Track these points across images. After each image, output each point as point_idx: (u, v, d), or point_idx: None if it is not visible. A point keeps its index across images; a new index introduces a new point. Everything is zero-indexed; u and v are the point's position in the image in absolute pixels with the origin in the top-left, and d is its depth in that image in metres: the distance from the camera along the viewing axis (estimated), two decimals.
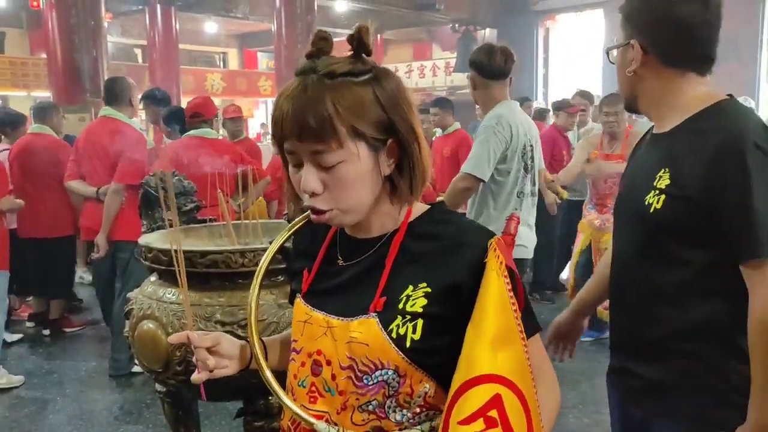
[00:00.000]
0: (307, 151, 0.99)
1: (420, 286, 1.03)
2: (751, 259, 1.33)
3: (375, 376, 1.03)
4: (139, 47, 14.63)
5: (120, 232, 3.85)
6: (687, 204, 1.37)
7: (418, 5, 11.79)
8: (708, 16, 1.45)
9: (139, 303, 2.07)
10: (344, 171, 1.00)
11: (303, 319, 1.12)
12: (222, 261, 1.96)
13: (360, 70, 1.02)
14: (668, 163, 1.42)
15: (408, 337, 1.01)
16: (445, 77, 15.61)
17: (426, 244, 1.06)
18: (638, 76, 1.50)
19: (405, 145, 1.04)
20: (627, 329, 1.57)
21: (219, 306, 1.95)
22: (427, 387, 1.04)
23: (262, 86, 15.67)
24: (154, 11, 10.64)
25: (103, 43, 7.04)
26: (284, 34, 9.52)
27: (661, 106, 1.51)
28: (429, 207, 1.12)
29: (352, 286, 1.08)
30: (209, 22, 14.10)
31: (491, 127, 2.88)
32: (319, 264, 1.15)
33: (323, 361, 1.07)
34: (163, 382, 2.07)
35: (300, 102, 0.98)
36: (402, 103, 1.03)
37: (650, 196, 1.43)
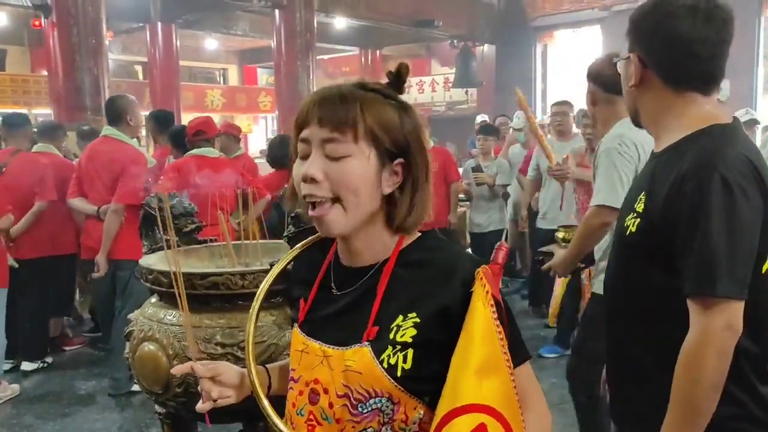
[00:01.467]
0: (320, 138, 1.03)
1: (410, 316, 1.04)
2: (695, 295, 1.27)
3: (370, 404, 1.04)
4: (139, 64, 14.71)
5: (120, 251, 3.87)
6: (653, 230, 1.35)
7: (416, 22, 11.88)
8: (711, 32, 1.36)
9: (140, 324, 2.07)
10: (350, 166, 1.03)
11: (300, 349, 1.13)
12: (222, 283, 1.97)
13: (390, 95, 1.09)
14: (648, 186, 1.39)
15: (399, 367, 1.03)
16: (444, 93, 15.69)
17: (416, 272, 1.08)
18: (638, 91, 1.46)
19: (413, 170, 1.07)
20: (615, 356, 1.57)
21: (219, 328, 1.96)
22: (421, 413, 1.05)
23: (261, 102, 15.74)
24: (154, 29, 10.72)
25: (104, 61, 7.09)
26: (284, 51, 9.58)
27: (658, 125, 1.46)
28: (420, 235, 1.14)
29: (346, 315, 1.10)
30: (209, 39, 14.20)
31: (614, 149, 2.46)
32: (314, 293, 1.17)
33: (320, 389, 1.08)
34: (163, 403, 2.07)
35: (331, 95, 1.05)
36: (420, 135, 1.09)
37: (629, 219, 1.41)
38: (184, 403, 1.96)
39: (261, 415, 1.98)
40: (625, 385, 1.51)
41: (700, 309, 1.27)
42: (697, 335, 1.27)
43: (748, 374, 1.34)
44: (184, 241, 2.45)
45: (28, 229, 4.36)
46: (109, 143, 4.02)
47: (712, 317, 1.25)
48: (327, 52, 14.50)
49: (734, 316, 1.26)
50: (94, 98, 6.74)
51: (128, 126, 4.05)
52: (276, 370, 1.30)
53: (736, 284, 1.25)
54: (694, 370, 1.27)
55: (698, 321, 1.27)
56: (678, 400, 1.30)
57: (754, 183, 1.28)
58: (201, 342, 1.94)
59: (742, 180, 1.27)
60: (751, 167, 1.29)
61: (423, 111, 14.91)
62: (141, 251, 2.43)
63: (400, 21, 11.74)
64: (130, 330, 2.12)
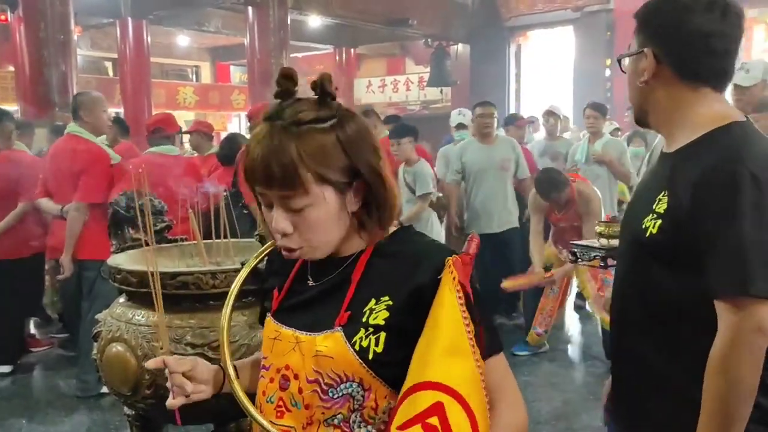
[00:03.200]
0: (276, 196, 1.06)
1: (382, 300, 1.07)
2: (726, 296, 1.22)
3: (340, 389, 1.06)
4: (109, 60, 14.47)
5: (86, 251, 3.78)
6: (678, 231, 1.29)
7: (391, 21, 11.87)
8: (726, 27, 1.34)
9: (108, 325, 2.03)
10: (312, 214, 1.05)
11: (272, 336, 1.15)
12: (193, 282, 1.94)
13: (324, 117, 1.06)
14: (668, 186, 1.34)
15: (371, 349, 1.05)
16: (419, 92, 15.69)
17: (391, 262, 1.11)
18: (650, 88, 1.40)
19: (370, 186, 1.08)
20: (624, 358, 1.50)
21: (189, 328, 1.93)
22: (391, 403, 1.06)
23: (235, 100, 15.59)
24: (125, 25, 10.53)
25: (73, 57, 6.96)
26: (257, 48, 9.51)
27: (671, 123, 1.41)
28: (396, 229, 1.17)
29: (320, 303, 1.12)
30: (181, 35, 14.02)
31: None
32: (290, 283, 1.18)
33: (291, 375, 1.10)
34: (132, 405, 2.03)
35: (267, 149, 1.03)
36: (365, 145, 1.08)
37: (648, 220, 1.35)
38: (153, 405, 1.92)
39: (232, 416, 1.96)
40: (645, 399, 1.43)
41: (731, 309, 1.21)
42: (729, 337, 1.21)
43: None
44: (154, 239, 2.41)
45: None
46: (72, 141, 3.93)
47: (745, 318, 1.20)
48: (301, 50, 14.41)
49: (766, 318, 1.20)
50: (61, 95, 6.61)
51: (92, 122, 3.92)
52: (245, 367, 1.30)
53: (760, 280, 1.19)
54: (727, 374, 1.22)
55: (729, 322, 1.21)
56: (712, 407, 1.24)
57: None
58: (171, 343, 1.90)
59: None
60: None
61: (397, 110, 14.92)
62: (108, 251, 2.39)
63: (375, 19, 11.72)
64: (98, 331, 2.08)
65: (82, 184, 3.76)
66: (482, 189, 4.91)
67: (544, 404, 3.85)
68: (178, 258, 2.36)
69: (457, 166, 4.97)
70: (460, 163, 4.96)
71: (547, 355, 4.60)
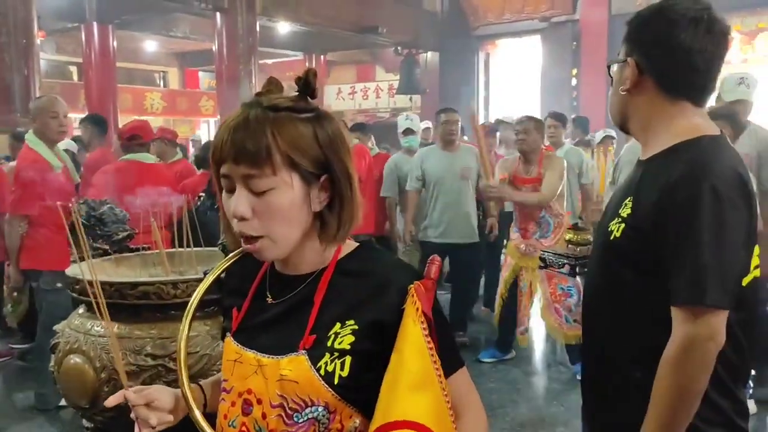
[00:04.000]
0: (241, 175, 1.01)
1: (347, 323, 1.04)
2: (683, 304, 1.27)
3: (305, 413, 1.03)
4: (74, 65, 14.23)
5: (36, 261, 3.68)
6: (639, 236, 1.35)
7: (361, 28, 11.89)
8: (709, 44, 1.37)
9: (66, 336, 1.99)
10: (274, 198, 1.01)
11: (233, 358, 1.11)
12: (154, 292, 1.91)
13: (302, 108, 1.05)
14: (634, 192, 1.40)
15: (336, 374, 1.03)
16: (389, 99, 15.73)
17: (354, 282, 1.08)
18: (631, 96, 1.45)
19: (338, 184, 1.06)
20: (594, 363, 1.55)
21: (150, 338, 1.90)
22: (357, 422, 1.05)
23: (203, 106, 15.45)
24: (90, 29, 10.35)
25: (36, 61, 6.82)
26: (225, 54, 9.43)
27: (648, 132, 1.46)
28: (358, 245, 1.14)
29: (282, 324, 1.09)
30: (149, 40, 13.85)
31: None
32: (249, 302, 1.14)
33: (254, 400, 1.06)
34: (91, 418, 1.99)
35: (241, 128, 1.01)
36: (340, 144, 1.07)
37: (613, 223, 1.41)
38: (112, 418, 1.89)
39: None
40: (609, 392, 1.48)
41: (686, 317, 1.26)
42: (682, 343, 1.27)
43: (727, 381, 1.35)
44: (115, 249, 2.37)
45: None
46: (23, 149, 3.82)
47: (698, 326, 1.25)
48: (271, 57, 14.34)
49: (719, 327, 1.26)
50: (23, 100, 6.46)
51: (37, 130, 3.76)
52: (210, 386, 1.26)
53: (725, 294, 1.25)
54: (677, 377, 1.27)
55: (683, 329, 1.27)
56: (659, 407, 1.30)
57: (742, 195, 1.29)
58: (131, 354, 1.88)
59: (732, 191, 1.28)
60: (739, 180, 1.31)
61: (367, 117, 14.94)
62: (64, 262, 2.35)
63: (344, 27, 11.73)
64: (55, 342, 2.04)
65: (12, 194, 3.67)
66: (442, 197, 4.83)
67: (510, 410, 3.88)
68: (141, 267, 2.33)
69: (418, 173, 4.90)
70: (420, 170, 4.89)
71: (513, 361, 4.62)
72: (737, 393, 1.39)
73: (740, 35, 10.33)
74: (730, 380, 1.36)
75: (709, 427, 1.34)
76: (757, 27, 10.17)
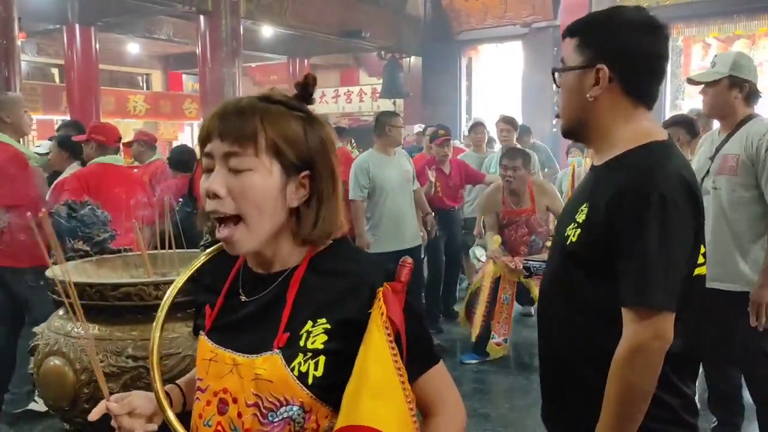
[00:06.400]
0: (223, 152, 1.03)
1: (319, 322, 1.05)
2: (630, 305, 1.33)
3: (280, 412, 1.03)
4: (56, 67, 14.09)
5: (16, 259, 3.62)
6: (593, 241, 1.38)
7: (344, 32, 11.90)
8: (665, 49, 1.46)
9: (46, 338, 1.99)
10: (252, 180, 1.02)
11: (208, 357, 1.12)
12: (135, 294, 1.92)
13: (295, 106, 1.08)
14: (588, 198, 1.43)
15: (310, 374, 1.03)
16: (372, 102, 15.75)
17: (327, 280, 1.09)
18: (594, 102, 1.44)
19: (318, 183, 1.07)
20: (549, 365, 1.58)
21: (131, 340, 1.91)
22: (333, 422, 1.04)
23: (187, 109, 15.36)
24: (72, 31, 10.26)
25: (16, 62, 6.75)
26: (209, 57, 9.39)
27: (606, 137, 1.47)
28: (331, 242, 1.14)
29: (256, 322, 1.10)
30: (132, 43, 13.75)
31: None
32: (222, 300, 1.15)
33: (229, 399, 1.08)
34: (70, 420, 1.99)
35: (231, 109, 1.04)
36: (328, 148, 1.09)
37: (570, 228, 1.44)
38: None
39: None
40: (564, 393, 1.52)
41: (634, 318, 1.32)
42: (629, 344, 1.32)
43: (673, 378, 1.40)
44: (97, 250, 2.37)
45: None
46: None
47: (645, 327, 1.31)
48: (254, 60, 14.31)
49: (666, 327, 1.32)
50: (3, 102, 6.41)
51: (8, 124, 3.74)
52: (185, 385, 1.27)
53: (669, 296, 1.31)
54: (626, 377, 1.32)
55: (631, 330, 1.32)
56: (610, 407, 1.35)
57: (687, 199, 1.35)
58: (112, 355, 1.89)
59: (677, 196, 1.33)
60: (685, 184, 1.36)
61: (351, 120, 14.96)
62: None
63: (328, 30, 11.74)
64: (35, 344, 2.03)
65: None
66: (390, 203, 4.74)
67: (491, 411, 3.91)
68: (122, 269, 2.33)
69: (365, 181, 4.72)
70: (367, 177, 4.72)
71: (495, 362, 4.66)
72: (684, 389, 1.44)
73: (717, 42, 10.49)
74: (676, 377, 1.41)
75: (658, 424, 1.38)
76: (734, 34, 10.32)
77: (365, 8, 12.29)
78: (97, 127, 4.18)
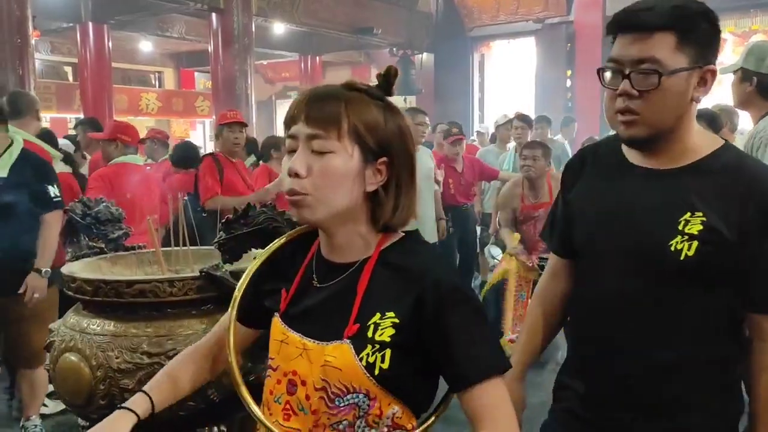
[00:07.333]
0: (307, 134, 1.09)
1: (387, 315, 1.09)
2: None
3: (347, 398, 1.09)
4: (69, 65, 14.19)
5: None
6: (725, 250, 1.30)
7: (356, 29, 11.91)
8: None
9: (61, 335, 1.99)
10: (332, 161, 1.08)
11: (279, 339, 1.17)
12: (150, 290, 1.91)
13: (376, 95, 1.14)
14: (696, 206, 1.32)
15: (377, 366, 1.08)
16: None
17: (395, 274, 1.12)
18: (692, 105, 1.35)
19: (398, 168, 1.13)
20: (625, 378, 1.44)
21: (146, 336, 1.90)
22: (396, 409, 1.11)
23: (199, 107, 15.42)
24: (85, 29, 10.33)
25: (30, 61, 6.80)
26: (221, 55, 9.42)
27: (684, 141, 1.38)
28: (402, 236, 1.18)
29: (327, 309, 1.15)
30: (144, 41, 13.82)
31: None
32: (297, 284, 1.20)
33: (298, 381, 1.13)
34: (86, 417, 1.99)
35: (319, 94, 1.11)
36: (405, 136, 1.15)
37: (677, 241, 1.32)
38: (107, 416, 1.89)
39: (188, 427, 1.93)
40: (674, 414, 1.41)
41: None
42: None
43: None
44: (111, 247, 2.37)
45: None
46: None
47: None
48: (266, 57, 14.34)
49: None
50: None
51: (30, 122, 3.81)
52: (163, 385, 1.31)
53: None
54: None
55: None
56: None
57: None
58: (127, 352, 1.88)
59: None
60: None
61: None
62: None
63: (339, 28, 11.74)
64: (50, 341, 2.04)
65: None
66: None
67: None
68: (136, 266, 2.33)
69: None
70: None
71: None
72: None
73: (733, 37, 10.38)
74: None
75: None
76: (750, 29, 10.22)
77: (376, 5, 12.28)
78: (121, 126, 4.20)
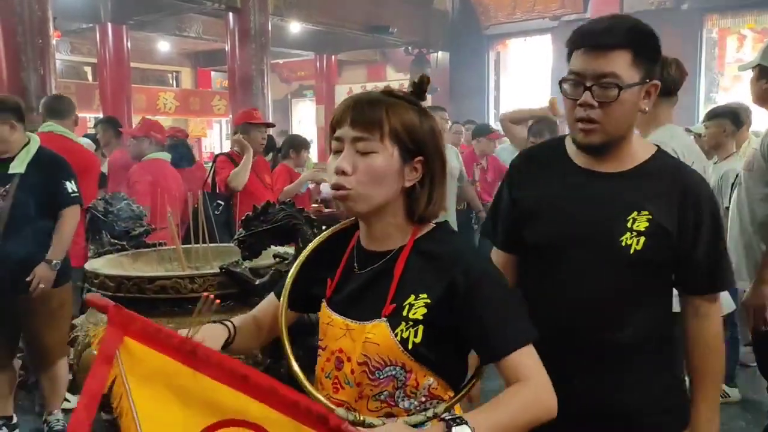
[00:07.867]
0: (352, 137, 1.22)
1: (421, 297, 1.23)
2: (710, 291, 1.55)
3: (385, 371, 1.23)
4: (89, 65, 14.34)
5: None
6: (667, 244, 1.49)
7: (371, 28, 11.91)
8: None
9: (85, 329, 2.04)
10: (376, 160, 1.22)
11: (326, 322, 1.33)
12: (171, 287, 1.96)
13: (412, 100, 1.29)
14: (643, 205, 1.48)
15: (410, 340, 1.22)
16: None
17: (428, 261, 1.26)
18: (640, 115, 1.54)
19: (432, 165, 1.27)
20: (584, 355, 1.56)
21: None
22: (431, 380, 1.25)
23: (215, 106, 15.51)
24: (104, 30, 10.44)
25: (51, 61, 6.89)
26: (237, 54, 9.47)
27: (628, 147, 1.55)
28: (434, 226, 1.32)
29: (366, 293, 1.29)
30: (162, 41, 13.93)
31: None
32: (341, 272, 1.35)
33: (344, 358, 1.28)
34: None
35: (362, 100, 1.25)
36: (437, 136, 1.29)
37: (626, 238, 1.47)
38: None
39: None
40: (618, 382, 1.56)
41: (713, 301, 1.56)
42: (717, 323, 1.57)
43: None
44: (132, 244, 2.42)
45: None
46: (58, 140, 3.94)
47: (719, 307, 1.58)
48: (282, 56, 14.40)
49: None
50: (40, 99, 6.54)
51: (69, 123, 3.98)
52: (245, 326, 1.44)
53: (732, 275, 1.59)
54: (722, 351, 1.57)
55: (714, 311, 1.56)
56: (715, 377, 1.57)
57: None
58: None
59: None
60: None
61: None
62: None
63: (355, 27, 11.76)
64: (74, 335, 2.08)
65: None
66: None
67: None
68: (157, 263, 2.37)
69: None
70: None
71: None
72: None
73: (753, 33, 10.26)
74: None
75: None
76: None
77: (392, 3, 12.28)
78: (153, 124, 4.30)
